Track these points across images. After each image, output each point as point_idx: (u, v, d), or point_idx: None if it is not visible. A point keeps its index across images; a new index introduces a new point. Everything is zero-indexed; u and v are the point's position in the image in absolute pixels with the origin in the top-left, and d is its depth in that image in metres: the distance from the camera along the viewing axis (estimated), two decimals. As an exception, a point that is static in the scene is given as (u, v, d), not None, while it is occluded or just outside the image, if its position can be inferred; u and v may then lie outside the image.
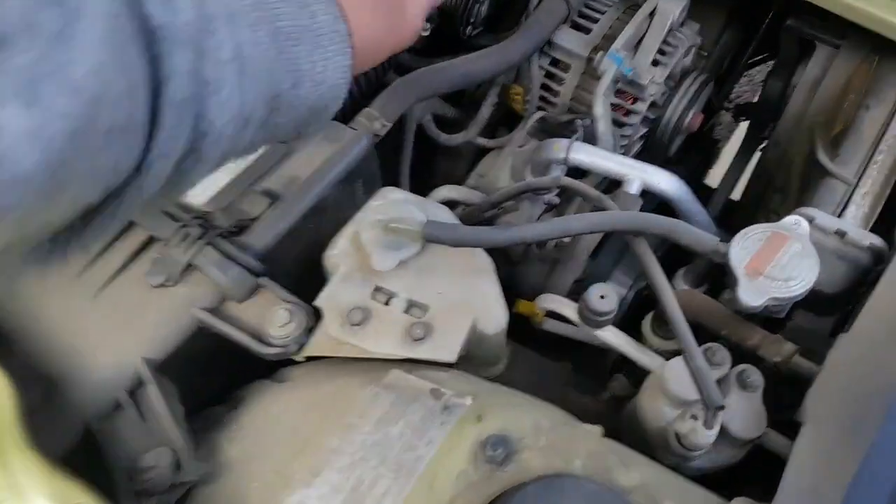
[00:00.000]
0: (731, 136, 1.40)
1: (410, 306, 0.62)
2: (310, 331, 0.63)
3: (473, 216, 0.82)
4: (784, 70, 0.89)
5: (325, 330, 0.61)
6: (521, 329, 0.73)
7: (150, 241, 0.67)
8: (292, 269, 0.71)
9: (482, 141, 0.94)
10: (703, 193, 1.15)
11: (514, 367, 0.85)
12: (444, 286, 0.63)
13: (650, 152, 0.86)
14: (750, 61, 1.11)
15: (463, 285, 0.63)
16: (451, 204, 0.90)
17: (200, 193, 0.71)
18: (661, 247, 0.85)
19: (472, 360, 0.67)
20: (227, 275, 0.64)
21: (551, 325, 0.71)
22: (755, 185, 0.87)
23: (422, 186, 0.99)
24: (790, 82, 0.87)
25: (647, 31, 0.76)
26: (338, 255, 0.66)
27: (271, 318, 0.62)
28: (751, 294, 0.52)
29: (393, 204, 0.67)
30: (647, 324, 0.72)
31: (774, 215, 0.76)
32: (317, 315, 0.63)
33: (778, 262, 0.53)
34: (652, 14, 0.76)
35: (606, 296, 0.55)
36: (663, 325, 0.70)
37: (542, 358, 0.87)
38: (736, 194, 1.15)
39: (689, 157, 1.04)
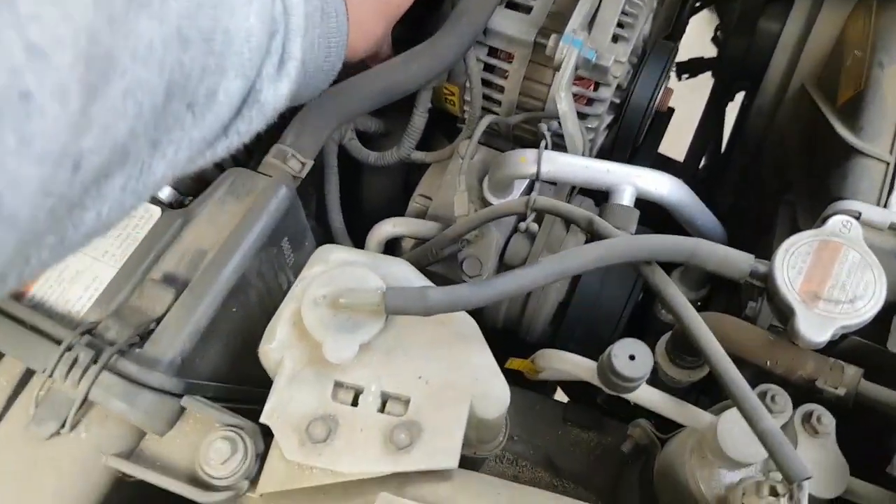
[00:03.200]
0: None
1: (386, 402, 0.50)
2: (261, 457, 0.50)
3: (432, 253, 0.70)
4: (745, 26, 0.81)
5: (281, 454, 0.49)
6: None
7: (27, 376, 0.53)
8: (220, 371, 0.58)
9: (420, 155, 0.83)
10: (664, 166, 1.08)
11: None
12: (424, 367, 0.52)
13: (618, 140, 0.77)
14: (691, 14, 1.04)
15: (447, 361, 0.52)
16: (396, 240, 0.79)
17: (82, 295, 0.57)
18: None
19: (468, 444, 0.56)
20: (137, 405, 0.51)
21: (550, 375, 0.61)
22: (739, 158, 0.79)
23: (351, 215, 0.88)
24: (753, 40, 0.79)
25: (601, 1, 0.65)
26: (277, 347, 0.53)
27: (207, 451, 0.49)
28: (814, 326, 0.44)
29: (338, 269, 0.55)
30: (661, 350, 0.63)
31: (780, 199, 0.68)
32: (267, 433, 0.51)
33: (836, 279, 0.45)
34: (605, -19, 0.65)
35: (637, 356, 0.45)
36: (682, 352, 0.61)
37: (530, 393, 0.78)
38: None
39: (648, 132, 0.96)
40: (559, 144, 0.71)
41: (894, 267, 0.52)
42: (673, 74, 1.25)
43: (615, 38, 0.67)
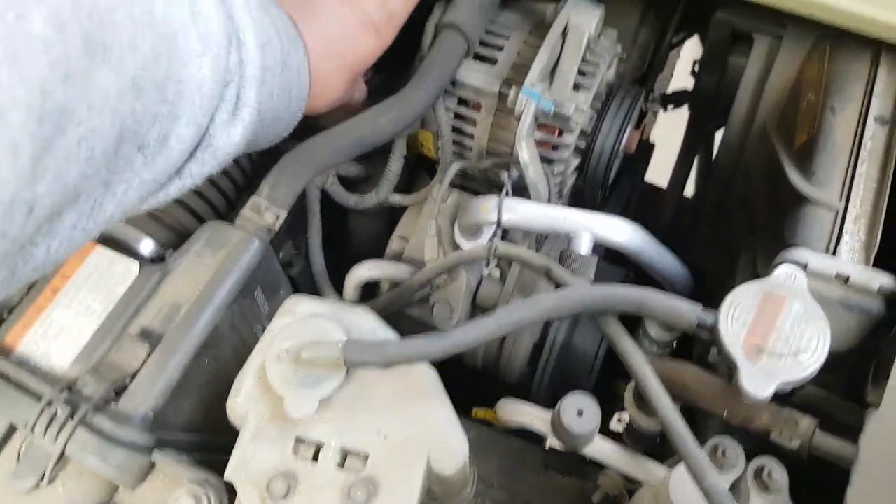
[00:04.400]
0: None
1: (345, 457, 0.50)
2: (226, 512, 0.51)
3: (402, 297, 0.71)
4: (715, 63, 0.81)
5: (244, 510, 0.49)
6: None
7: (11, 431, 0.54)
8: (194, 422, 0.59)
9: (397, 198, 0.83)
10: (651, 196, 1.08)
11: (484, 456, 0.75)
12: (384, 421, 0.52)
13: (587, 184, 0.77)
14: (671, 48, 1.03)
15: (407, 415, 0.52)
16: (372, 284, 0.79)
17: (64, 351, 0.58)
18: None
19: (433, 498, 0.56)
20: (109, 461, 0.52)
21: (516, 424, 0.61)
22: (713, 191, 0.79)
23: (336, 255, 0.88)
24: (725, 75, 0.79)
25: (561, 52, 0.66)
26: (243, 401, 0.53)
27: (173, 505, 0.50)
28: (757, 382, 0.43)
29: (302, 323, 0.55)
30: (629, 396, 0.62)
31: (742, 229, 0.67)
32: (233, 488, 0.51)
33: (780, 332, 0.44)
34: (564, 32, 0.66)
35: (585, 411, 0.44)
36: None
37: (510, 438, 0.77)
38: (687, 189, 1.08)
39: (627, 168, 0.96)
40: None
41: (841, 317, 0.51)
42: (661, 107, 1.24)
43: (576, 87, 0.68)
